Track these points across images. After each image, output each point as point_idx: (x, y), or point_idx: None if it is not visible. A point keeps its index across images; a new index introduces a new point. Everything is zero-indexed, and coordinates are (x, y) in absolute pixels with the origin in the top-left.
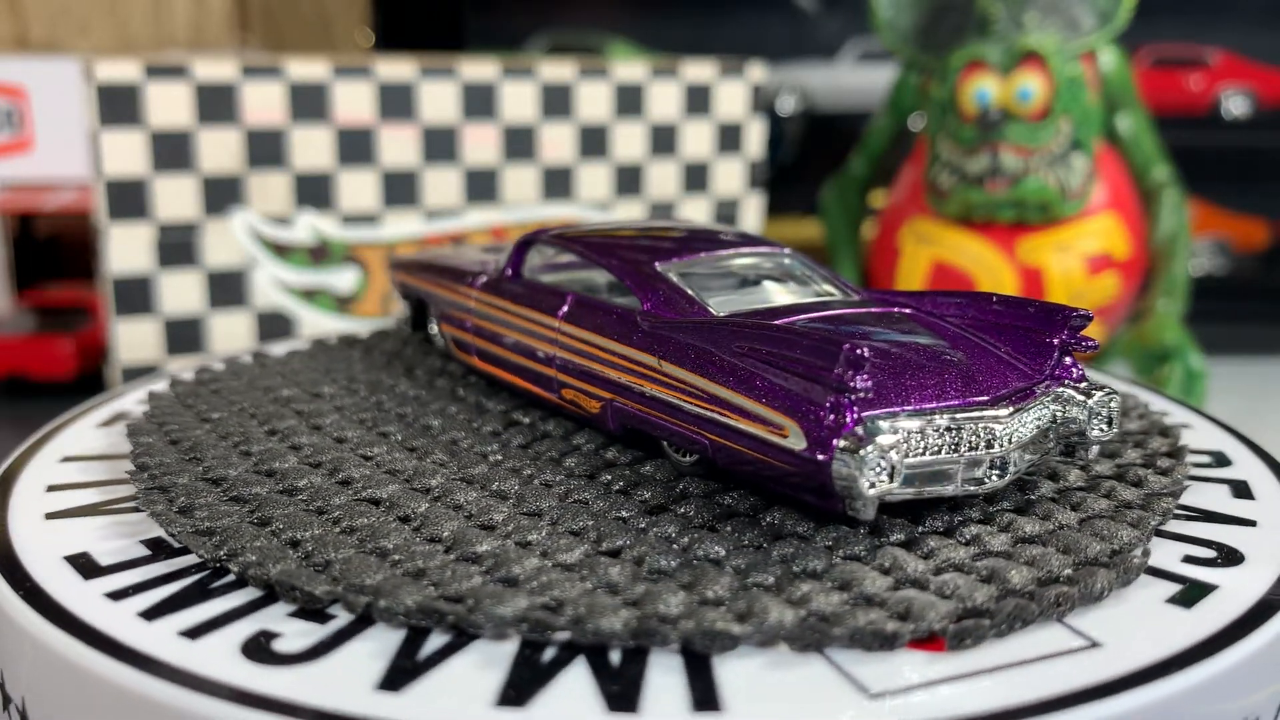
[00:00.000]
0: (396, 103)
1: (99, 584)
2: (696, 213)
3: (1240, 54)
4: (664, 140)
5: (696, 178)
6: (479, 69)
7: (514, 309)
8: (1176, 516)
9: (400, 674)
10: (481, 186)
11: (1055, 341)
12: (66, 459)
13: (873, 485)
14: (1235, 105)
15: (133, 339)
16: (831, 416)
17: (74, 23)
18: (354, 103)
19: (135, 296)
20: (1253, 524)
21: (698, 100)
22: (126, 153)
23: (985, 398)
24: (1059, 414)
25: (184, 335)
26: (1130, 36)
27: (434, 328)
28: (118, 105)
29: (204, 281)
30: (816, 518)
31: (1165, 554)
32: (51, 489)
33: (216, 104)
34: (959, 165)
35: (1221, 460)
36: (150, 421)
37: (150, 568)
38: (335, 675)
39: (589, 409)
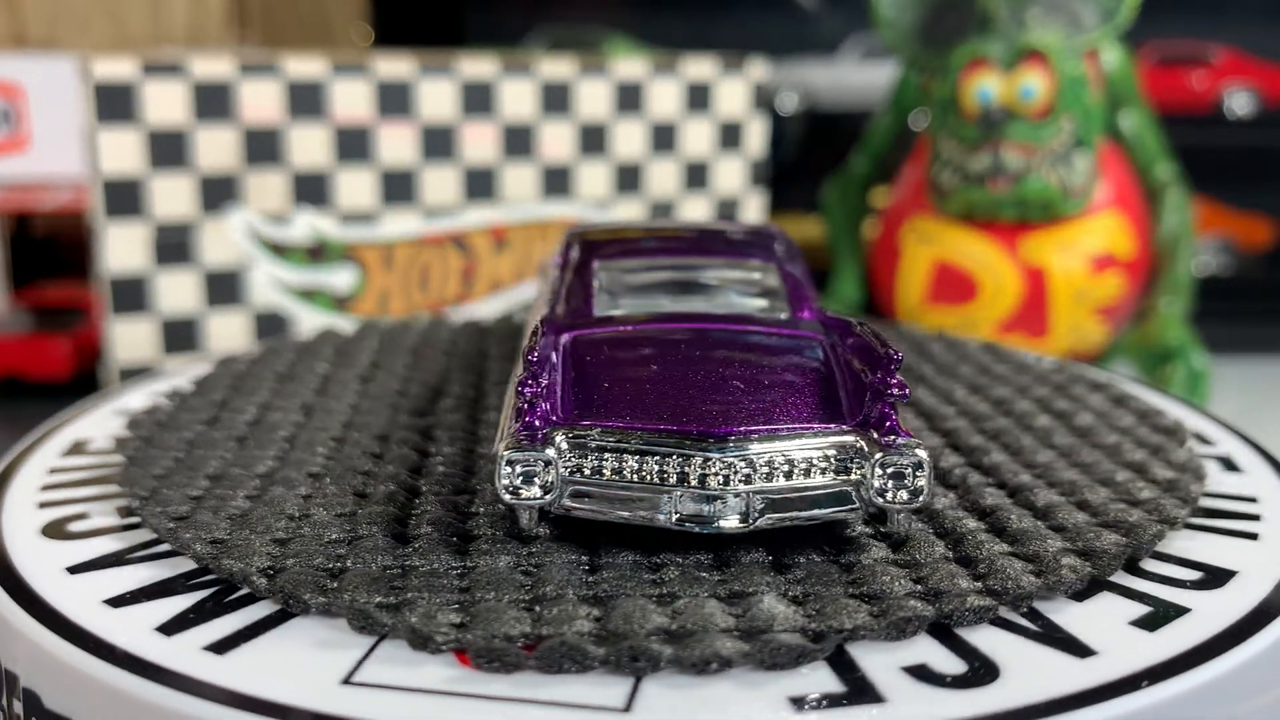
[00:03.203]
0: (395, 101)
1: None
2: (697, 212)
3: (1244, 52)
4: (664, 138)
5: (697, 176)
6: (478, 66)
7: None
8: (1007, 624)
9: (114, 581)
10: (480, 185)
11: (869, 383)
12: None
13: (511, 493)
14: (1239, 103)
15: (129, 339)
16: (517, 422)
17: (72, 21)
18: (352, 101)
19: (132, 296)
20: (1093, 653)
21: (698, 98)
22: (123, 151)
23: (722, 430)
24: (842, 467)
25: (181, 335)
26: (1133, 34)
27: None
28: (114, 103)
29: (201, 281)
30: (565, 527)
31: (891, 654)
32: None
33: (214, 102)
34: (961, 164)
35: (1214, 578)
36: (230, 368)
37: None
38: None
39: None
